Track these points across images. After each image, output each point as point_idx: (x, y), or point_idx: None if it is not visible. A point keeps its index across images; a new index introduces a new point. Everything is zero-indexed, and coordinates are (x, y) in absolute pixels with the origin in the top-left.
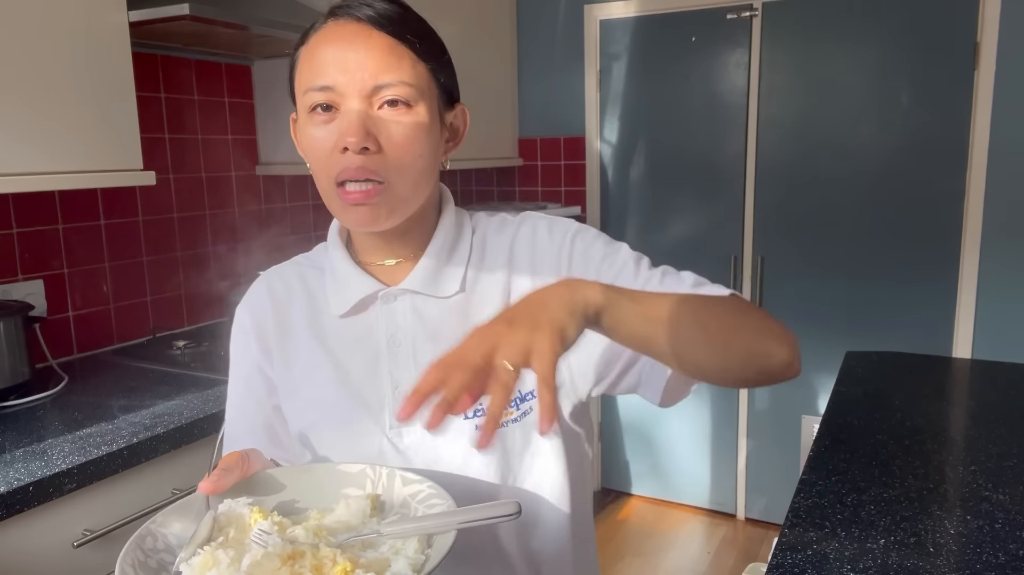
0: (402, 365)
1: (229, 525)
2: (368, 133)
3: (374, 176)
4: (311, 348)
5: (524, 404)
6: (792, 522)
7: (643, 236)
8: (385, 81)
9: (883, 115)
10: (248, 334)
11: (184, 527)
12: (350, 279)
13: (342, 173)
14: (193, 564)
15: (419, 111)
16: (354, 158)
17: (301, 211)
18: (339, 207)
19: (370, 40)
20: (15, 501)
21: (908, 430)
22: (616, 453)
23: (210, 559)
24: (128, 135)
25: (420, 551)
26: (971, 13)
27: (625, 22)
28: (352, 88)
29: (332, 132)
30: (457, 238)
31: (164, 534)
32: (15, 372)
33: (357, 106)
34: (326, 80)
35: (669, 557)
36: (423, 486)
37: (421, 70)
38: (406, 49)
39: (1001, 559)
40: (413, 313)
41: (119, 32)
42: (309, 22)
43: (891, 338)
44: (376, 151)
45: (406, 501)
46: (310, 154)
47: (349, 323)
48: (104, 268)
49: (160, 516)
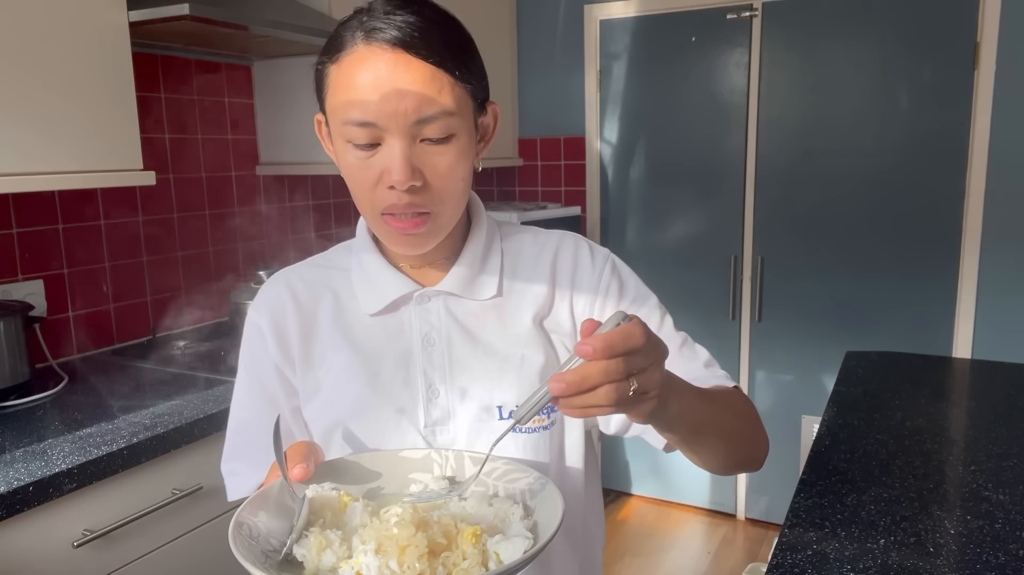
0: (436, 364)
1: (323, 509)
2: (414, 170)
3: (420, 208)
4: (338, 346)
5: (555, 414)
6: (792, 522)
7: (643, 236)
8: (427, 115)
9: (883, 115)
10: (265, 335)
11: (268, 516)
12: (384, 278)
13: (390, 208)
14: (308, 545)
15: (460, 139)
16: (401, 195)
17: (301, 211)
18: (384, 234)
19: (410, 71)
20: (15, 501)
21: (908, 430)
22: (616, 453)
23: (323, 540)
24: (128, 135)
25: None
26: (971, 13)
27: (625, 22)
28: (394, 124)
29: (375, 166)
30: (490, 244)
31: (254, 523)
32: (15, 372)
33: (400, 143)
34: (366, 116)
35: (669, 557)
36: (497, 463)
37: (460, 92)
38: (445, 74)
39: (1001, 559)
40: (448, 314)
41: (119, 32)
42: (309, 22)
43: (891, 338)
44: (422, 186)
45: (482, 480)
46: (350, 179)
47: (380, 322)
48: (104, 268)
49: (247, 506)
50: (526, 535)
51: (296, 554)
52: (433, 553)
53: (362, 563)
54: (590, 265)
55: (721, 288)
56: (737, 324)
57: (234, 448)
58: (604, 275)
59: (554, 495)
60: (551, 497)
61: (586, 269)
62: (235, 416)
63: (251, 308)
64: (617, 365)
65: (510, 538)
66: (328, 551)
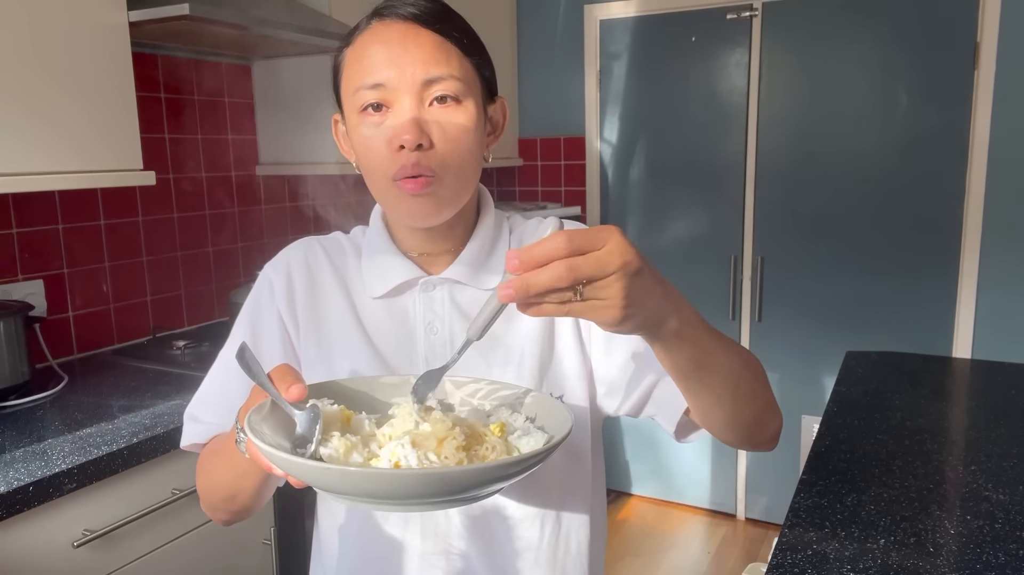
0: (438, 353)
1: (333, 420)
2: (422, 130)
3: (427, 172)
4: (343, 322)
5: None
6: (792, 522)
7: (643, 236)
8: (435, 75)
9: (883, 115)
10: (276, 290)
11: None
12: (390, 262)
13: (400, 171)
14: (336, 447)
15: (468, 107)
16: (410, 155)
17: (301, 211)
18: (396, 201)
19: (419, 37)
20: (15, 501)
21: (908, 430)
22: (616, 453)
23: (348, 443)
24: (128, 135)
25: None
26: (971, 13)
27: (625, 22)
28: (403, 84)
29: (385, 130)
30: (497, 235)
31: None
32: (15, 372)
33: (409, 103)
34: (377, 78)
35: (669, 557)
36: (479, 384)
37: (467, 65)
38: (452, 45)
39: (1001, 559)
40: (452, 303)
41: (119, 32)
42: (309, 22)
43: (891, 337)
44: (429, 147)
45: (465, 401)
46: (363, 153)
47: (384, 305)
48: (104, 268)
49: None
50: (542, 431)
51: (323, 454)
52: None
53: (399, 455)
54: None
55: (721, 288)
56: (737, 324)
57: (205, 394)
58: None
59: (551, 402)
60: (547, 402)
61: None
62: (217, 364)
63: (268, 265)
64: (556, 273)
65: (530, 433)
66: (355, 452)
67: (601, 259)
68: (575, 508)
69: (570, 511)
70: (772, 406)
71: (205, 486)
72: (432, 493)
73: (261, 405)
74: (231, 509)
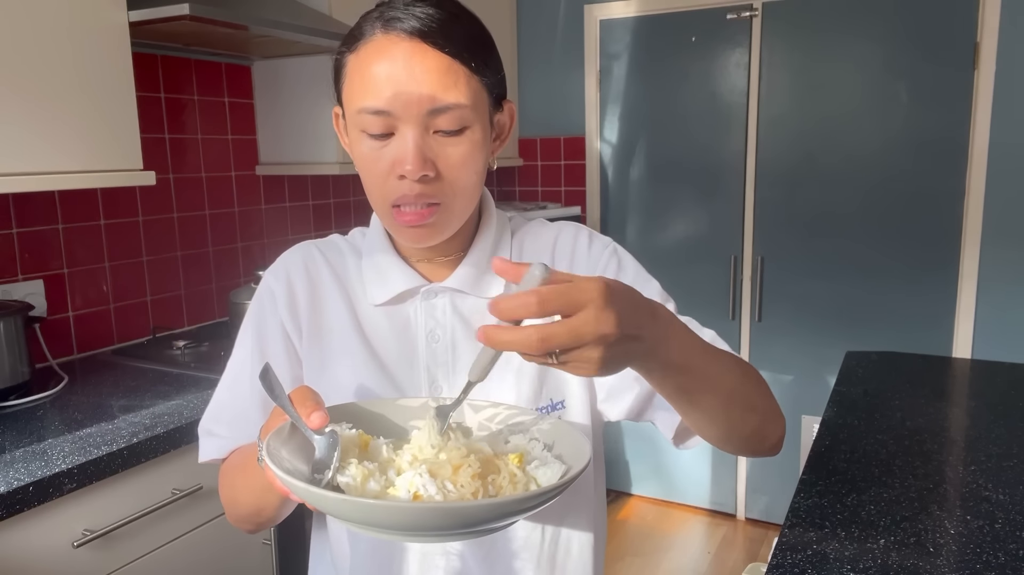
0: (440, 361)
1: (350, 445)
2: (426, 160)
3: (431, 199)
4: (345, 329)
5: (555, 412)
6: (792, 522)
7: (643, 236)
8: (441, 105)
9: (883, 115)
10: (277, 299)
11: (291, 451)
12: (392, 270)
13: (401, 199)
14: (352, 474)
15: (474, 131)
16: (412, 185)
17: (301, 211)
18: (393, 227)
19: (425, 60)
20: (15, 501)
21: (908, 430)
22: (616, 453)
23: (365, 470)
24: (128, 135)
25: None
26: (971, 13)
27: (625, 22)
28: (408, 113)
29: (387, 155)
30: (499, 240)
31: (279, 457)
32: (15, 372)
33: (413, 132)
34: (380, 104)
35: (669, 557)
36: (498, 409)
37: (475, 85)
38: (461, 66)
39: (1001, 559)
40: (453, 311)
41: (119, 32)
42: (309, 22)
43: (891, 338)
44: (434, 177)
45: (483, 425)
46: (363, 170)
47: (385, 313)
48: (104, 268)
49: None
50: (559, 461)
51: (340, 482)
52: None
53: (417, 484)
54: (587, 253)
55: (721, 288)
56: (737, 324)
57: (219, 408)
58: (602, 258)
59: (570, 430)
60: (566, 430)
61: (583, 254)
62: (228, 376)
63: (268, 272)
64: (528, 342)
65: (547, 463)
66: (371, 480)
67: (576, 330)
68: (576, 510)
69: (571, 513)
70: (772, 417)
71: (228, 499)
72: (448, 526)
73: (280, 429)
74: (256, 521)
